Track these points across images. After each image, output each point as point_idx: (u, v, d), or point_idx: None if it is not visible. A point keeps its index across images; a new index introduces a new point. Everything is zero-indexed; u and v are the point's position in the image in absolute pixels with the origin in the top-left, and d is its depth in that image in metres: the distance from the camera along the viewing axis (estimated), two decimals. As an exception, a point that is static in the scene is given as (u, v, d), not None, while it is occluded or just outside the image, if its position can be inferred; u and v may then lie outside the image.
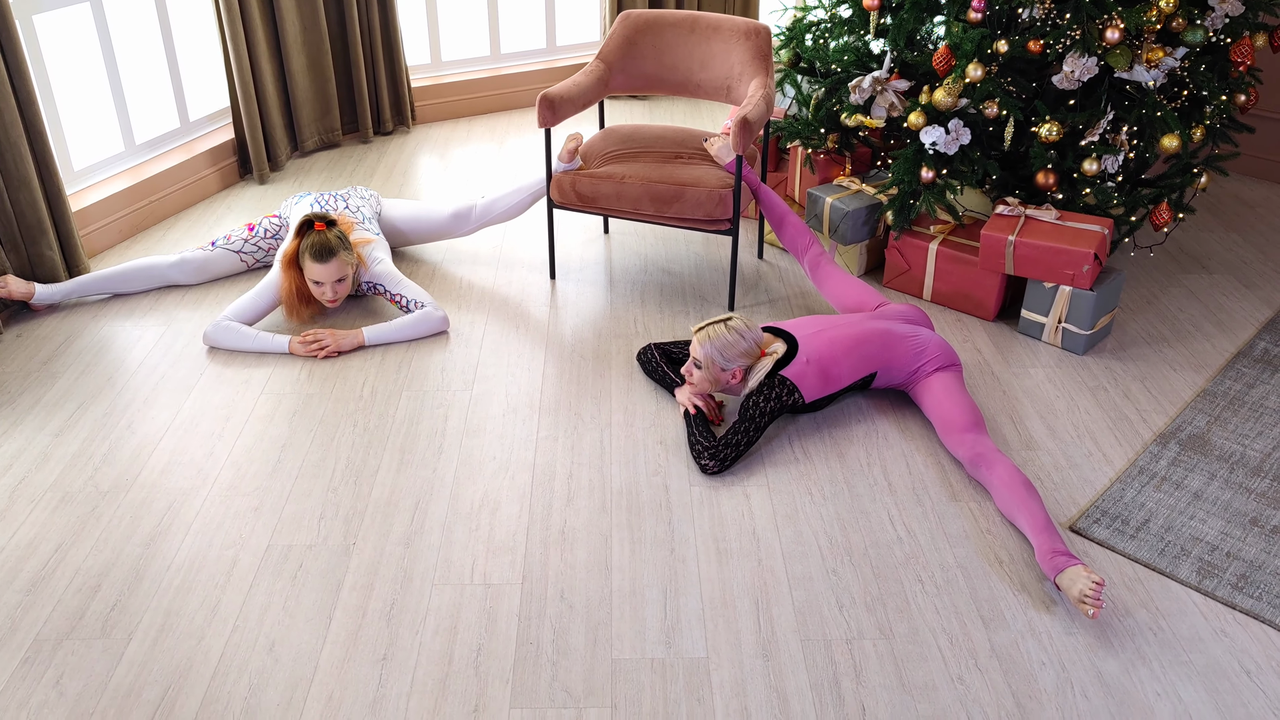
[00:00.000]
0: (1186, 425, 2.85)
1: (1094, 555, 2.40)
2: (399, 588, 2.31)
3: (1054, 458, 2.73)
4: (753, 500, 2.57)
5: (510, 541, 2.44)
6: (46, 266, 3.38)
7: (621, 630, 2.20)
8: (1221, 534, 2.46)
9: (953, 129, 3.24)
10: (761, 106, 3.22)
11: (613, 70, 3.58)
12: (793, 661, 2.12)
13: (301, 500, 2.57)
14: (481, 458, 2.72)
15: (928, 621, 2.22)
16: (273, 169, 4.43)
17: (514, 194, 3.59)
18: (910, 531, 2.47)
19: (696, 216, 3.24)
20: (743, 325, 2.75)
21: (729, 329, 2.74)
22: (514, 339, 3.25)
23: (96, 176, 3.89)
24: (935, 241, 3.37)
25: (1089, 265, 3.03)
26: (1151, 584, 2.32)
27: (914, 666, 2.11)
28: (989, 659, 2.13)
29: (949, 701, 2.04)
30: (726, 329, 2.74)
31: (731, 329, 2.74)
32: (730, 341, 2.73)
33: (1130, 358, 3.16)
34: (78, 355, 3.16)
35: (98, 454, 2.73)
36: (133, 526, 2.48)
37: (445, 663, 2.12)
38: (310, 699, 2.03)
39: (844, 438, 2.80)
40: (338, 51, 4.60)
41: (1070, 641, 2.17)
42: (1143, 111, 3.19)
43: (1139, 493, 2.59)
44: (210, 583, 2.31)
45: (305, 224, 3.17)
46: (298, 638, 2.17)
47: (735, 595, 2.29)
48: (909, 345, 2.85)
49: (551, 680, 2.08)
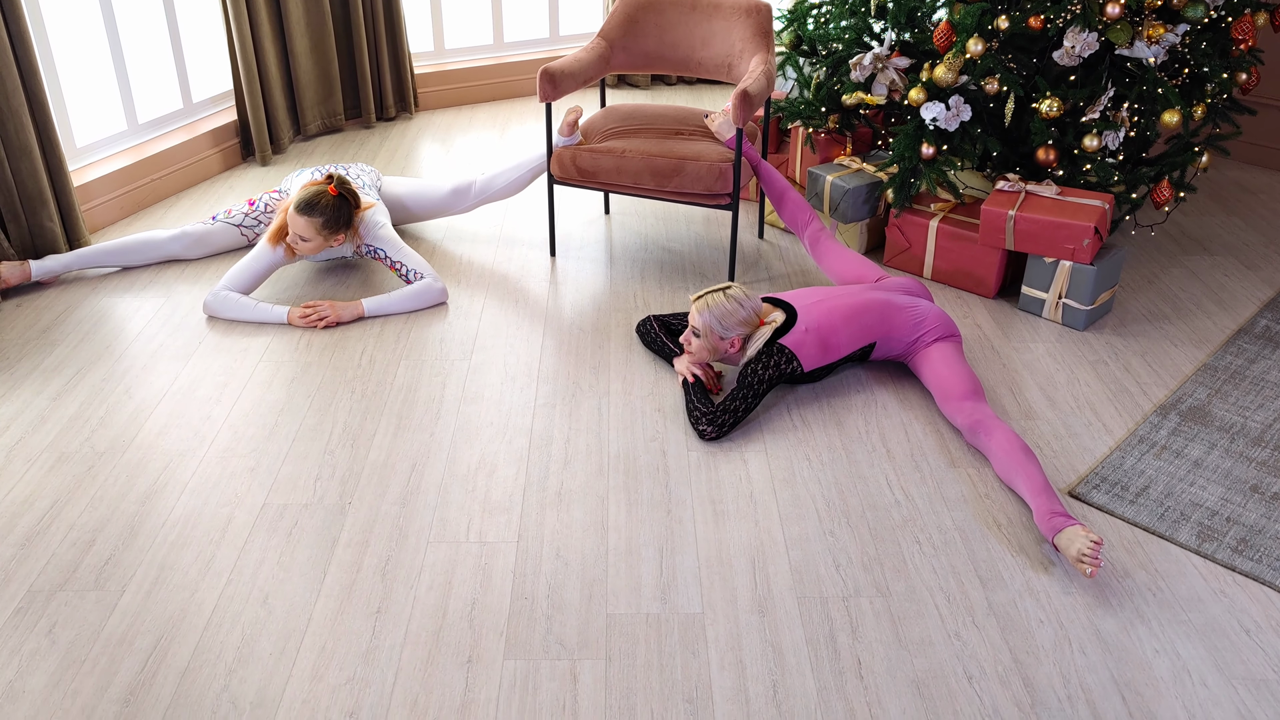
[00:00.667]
0: (1187, 397, 2.83)
1: (1093, 519, 2.39)
2: (394, 545, 2.30)
3: (1053, 427, 2.72)
4: (750, 465, 2.56)
5: (506, 502, 2.43)
6: (47, 238, 3.39)
7: (617, 586, 2.19)
8: (1222, 500, 2.44)
9: (953, 105, 3.24)
10: (762, 81, 3.22)
11: (614, 48, 3.59)
12: (788, 618, 2.11)
13: (298, 462, 2.56)
14: (479, 423, 2.71)
15: (925, 581, 2.21)
16: (275, 151, 4.44)
17: (514, 169, 3.59)
18: (908, 496, 2.46)
19: (696, 191, 3.24)
20: (741, 294, 2.75)
21: (728, 297, 2.73)
22: (513, 312, 3.25)
23: (98, 154, 3.90)
24: (936, 219, 3.37)
25: (1089, 239, 3.03)
26: (1151, 547, 2.31)
27: (911, 623, 2.10)
28: (986, 617, 2.12)
29: (946, 656, 2.02)
30: (725, 297, 2.73)
31: (730, 297, 2.73)
32: (729, 310, 2.73)
33: (1131, 334, 3.15)
34: (76, 324, 3.16)
35: (95, 417, 2.73)
36: (128, 485, 2.47)
37: (439, 616, 2.11)
38: (303, 649, 2.02)
39: (842, 407, 2.79)
40: (341, 35, 4.62)
41: (1068, 601, 2.15)
42: (1143, 88, 3.19)
43: (1139, 460, 2.58)
44: (205, 539, 2.31)
45: (328, 178, 3.18)
46: (291, 591, 2.17)
47: (732, 554, 2.28)
48: (908, 316, 2.84)
49: (546, 633, 2.07)
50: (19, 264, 3.28)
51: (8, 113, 3.19)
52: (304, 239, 3.17)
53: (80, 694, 1.92)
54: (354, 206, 3.24)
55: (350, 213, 3.23)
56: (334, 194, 3.15)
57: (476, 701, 1.92)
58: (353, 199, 3.22)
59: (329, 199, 3.15)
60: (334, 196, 3.16)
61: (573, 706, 1.91)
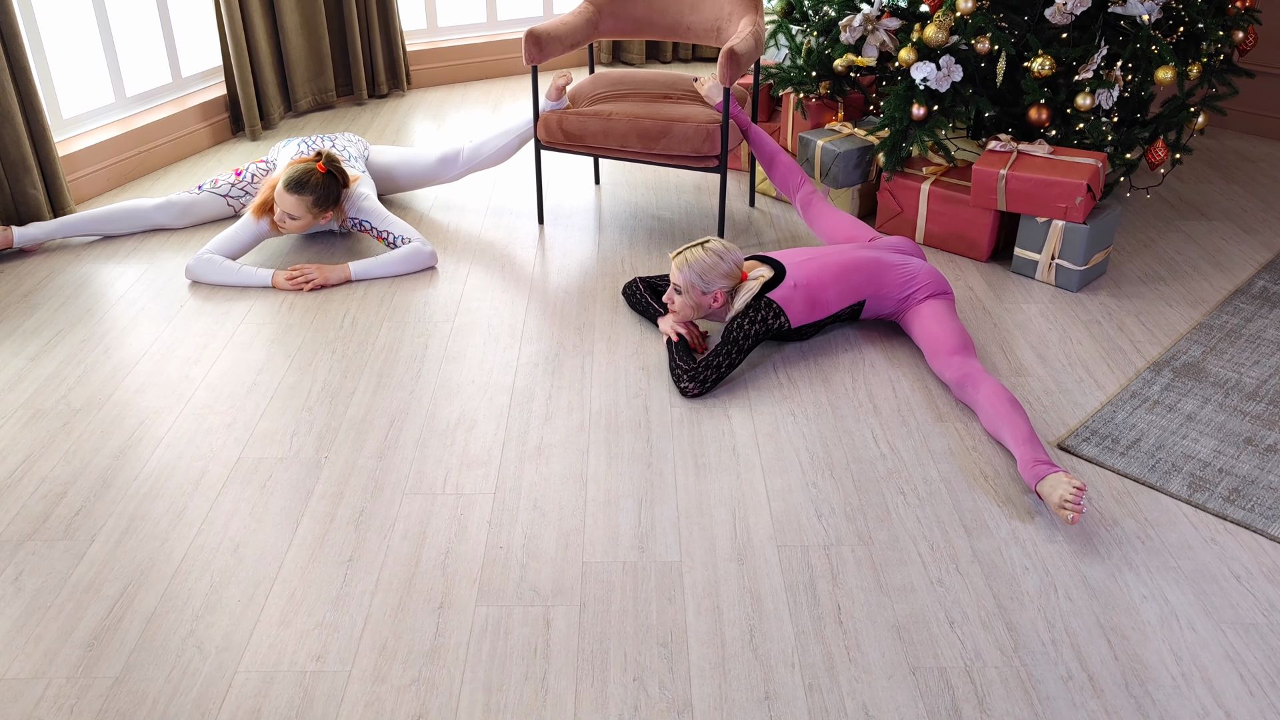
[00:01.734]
0: (1181, 355, 2.78)
1: (1082, 470, 2.34)
2: (369, 497, 2.26)
3: (1044, 383, 2.67)
4: (734, 420, 2.52)
5: (485, 456, 2.39)
6: (30, 205, 3.36)
7: (594, 536, 2.15)
8: (1214, 452, 2.39)
9: (944, 65, 3.20)
10: (750, 42, 3.18)
11: (602, 13, 3.55)
12: (768, 566, 2.07)
13: (275, 418, 2.53)
14: (460, 381, 2.67)
15: (908, 530, 2.16)
16: (265, 127, 4.41)
17: (501, 136, 3.56)
18: (894, 448, 2.41)
19: (684, 153, 3.20)
20: (721, 247, 2.70)
21: (706, 251, 2.69)
22: (499, 277, 3.22)
23: (85, 126, 3.88)
24: (927, 182, 3.32)
25: (1081, 197, 2.98)
26: (1141, 497, 2.26)
27: (893, 571, 2.05)
28: (970, 564, 2.07)
29: (928, 602, 1.98)
30: (704, 251, 2.69)
31: (709, 250, 2.69)
32: (709, 264, 2.68)
33: (1125, 295, 3.10)
34: (59, 289, 3.13)
35: (72, 376, 2.70)
36: (103, 440, 2.44)
37: (412, 564, 2.07)
38: (272, 595, 1.99)
39: (830, 364, 2.75)
40: (332, 12, 4.59)
41: (1054, 549, 2.11)
42: (1137, 46, 3.14)
43: (1130, 414, 2.53)
44: (177, 491, 2.27)
45: (316, 155, 3.15)
46: (263, 540, 2.13)
47: (712, 505, 2.24)
48: (898, 273, 2.80)
49: (520, 580, 2.03)
50: (1, 230, 3.25)
51: (-11, 77, 3.17)
52: (293, 217, 3.14)
53: (43, 639, 1.89)
54: (342, 184, 3.21)
55: (339, 190, 3.20)
56: (322, 171, 3.12)
57: (446, 646, 1.88)
58: (341, 176, 3.19)
59: (318, 177, 3.12)
60: (323, 174, 3.13)
61: (544, 650, 1.87)
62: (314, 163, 3.13)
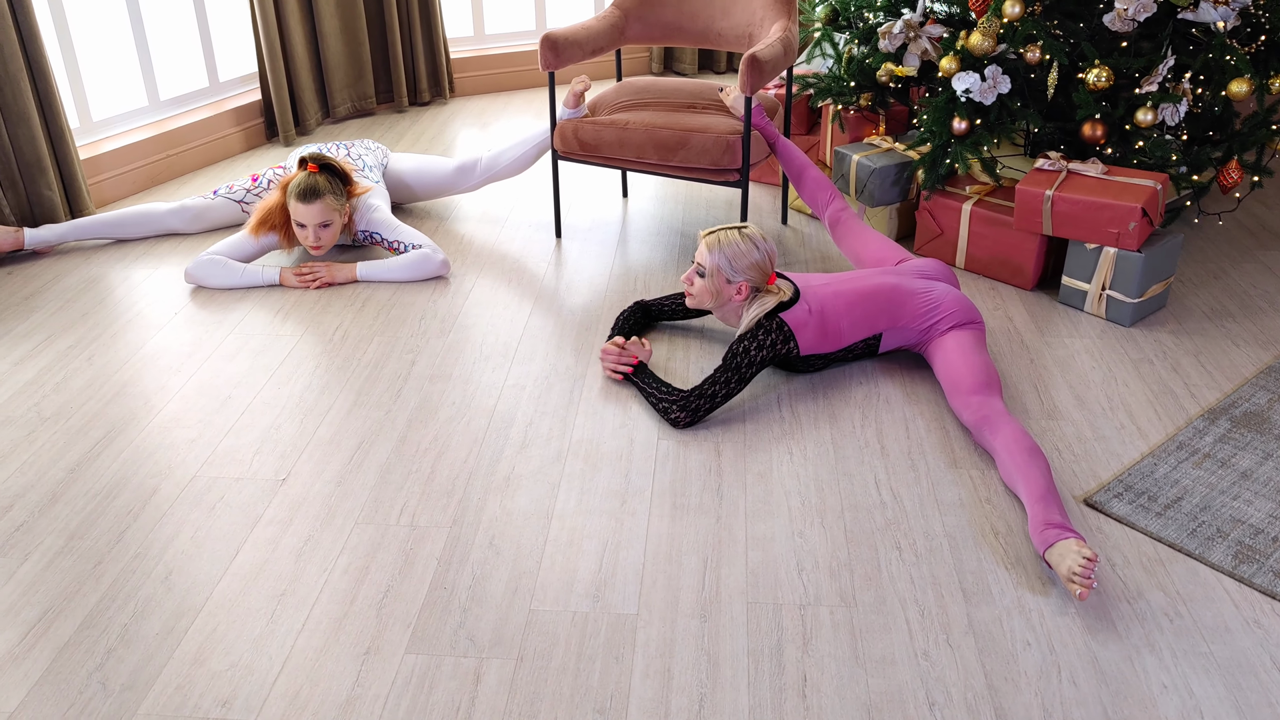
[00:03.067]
0: (1244, 401, 2.47)
1: (1108, 532, 2.06)
2: (319, 525, 2.11)
3: (1078, 429, 2.39)
4: (724, 456, 2.31)
5: (449, 486, 2.23)
6: (45, 206, 3.34)
7: (548, 581, 1.96)
8: (1270, 517, 2.09)
9: (990, 76, 2.94)
10: (777, 48, 2.97)
11: (629, 18, 3.38)
12: (733, 625, 1.85)
13: (241, 435, 2.40)
14: (440, 402, 2.52)
15: (899, 591, 1.92)
16: (301, 133, 4.35)
17: (519, 145, 3.41)
18: (896, 496, 2.17)
19: (702, 165, 3.00)
20: (758, 235, 2.49)
21: (743, 236, 2.47)
22: (503, 292, 3.06)
23: (116, 129, 3.86)
24: (969, 202, 3.05)
25: (1135, 222, 2.69)
26: (1175, 566, 1.97)
27: (874, 638, 1.82)
28: (964, 635, 1.82)
29: (907, 677, 1.74)
30: (740, 235, 2.47)
31: (746, 236, 2.47)
32: (743, 250, 2.46)
33: (1186, 332, 2.79)
34: (60, 292, 3.09)
35: (50, 383, 2.63)
36: (62, 452, 2.35)
37: (347, 602, 1.91)
38: (192, 630, 1.85)
39: (840, 399, 2.51)
40: (373, 18, 4.52)
41: (1064, 622, 1.84)
42: (1209, 55, 2.83)
43: (1174, 469, 2.24)
44: (123, 509, 2.16)
45: (300, 162, 3.05)
46: (197, 568, 2.00)
47: (683, 552, 2.03)
48: (921, 301, 2.55)
49: (458, 627, 1.85)
50: (13, 231, 3.23)
51: (4, 78, 3.15)
52: (325, 224, 3.03)
53: (-51, 665, 1.79)
54: (341, 174, 3.10)
55: (342, 175, 3.09)
56: (317, 170, 3.02)
57: (364, 698, 1.71)
58: (334, 167, 3.08)
59: (318, 177, 3.01)
60: (319, 172, 3.03)
61: (468, 710, 1.69)
62: (306, 171, 3.02)
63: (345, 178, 3.10)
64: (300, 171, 3.02)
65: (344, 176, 3.09)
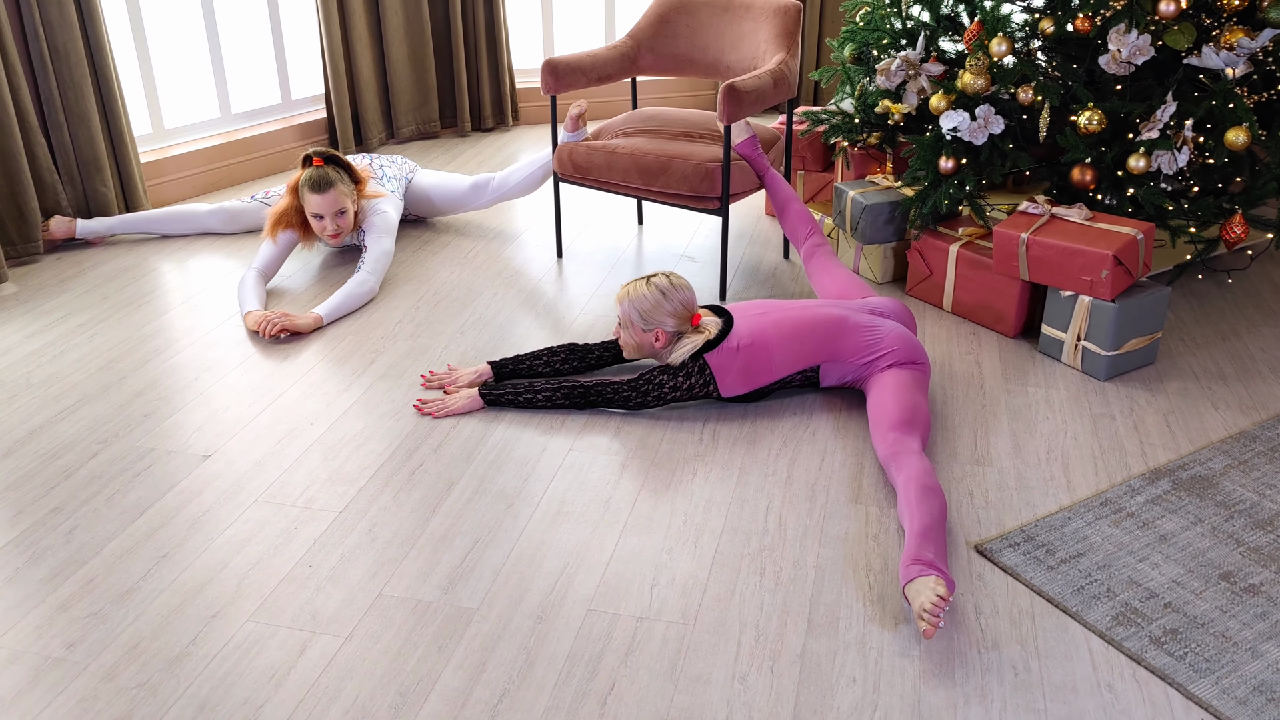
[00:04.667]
0: (1195, 465, 2.31)
1: (988, 580, 1.97)
2: (223, 499, 2.23)
3: (1002, 476, 2.28)
4: (627, 470, 2.31)
5: (356, 474, 2.31)
6: (100, 201, 3.65)
7: (409, 569, 2.01)
8: (1172, 583, 1.95)
9: (981, 115, 2.86)
10: (764, 80, 2.98)
11: (641, 49, 3.45)
12: (566, 628, 1.85)
13: (175, 413, 2.56)
14: (378, 399, 2.62)
15: (744, 615, 1.88)
16: (363, 151, 4.60)
17: (526, 166, 3.52)
18: (782, 525, 2.13)
19: (682, 191, 3.02)
20: (667, 284, 2.51)
21: (650, 286, 2.51)
22: (479, 304, 3.15)
23: (185, 136, 4.18)
24: (957, 244, 2.97)
25: (1108, 270, 2.56)
26: (1046, 621, 1.86)
27: (698, 657, 1.79)
28: (790, 664, 1.77)
29: (714, 698, 1.70)
30: (648, 286, 2.51)
31: (653, 286, 2.50)
32: (651, 302, 2.50)
33: (1165, 391, 2.62)
34: (93, 278, 3.36)
35: (47, 355, 2.87)
36: (23, 420, 2.56)
37: (216, 570, 2.02)
38: (74, 579, 1.98)
39: (768, 427, 2.48)
40: (440, 45, 4.75)
41: (902, 664, 1.77)
42: (1213, 103, 2.69)
43: (1088, 525, 2.11)
44: (59, 470, 2.34)
45: (305, 159, 3.22)
46: (102, 527, 2.14)
47: (546, 556, 2.04)
48: (861, 336, 2.50)
49: (305, 603, 1.92)
50: (68, 221, 3.54)
51: (69, 82, 3.47)
52: (342, 211, 3.20)
53: None
54: (346, 164, 3.25)
55: (346, 164, 3.24)
56: (322, 163, 3.18)
57: (193, 656, 1.80)
58: (339, 158, 3.23)
59: (326, 168, 3.17)
60: (325, 165, 3.19)
61: (281, 678, 1.75)
62: (313, 166, 3.18)
63: (351, 171, 3.26)
64: (308, 169, 3.20)
65: (349, 169, 3.25)
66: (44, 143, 3.46)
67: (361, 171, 3.30)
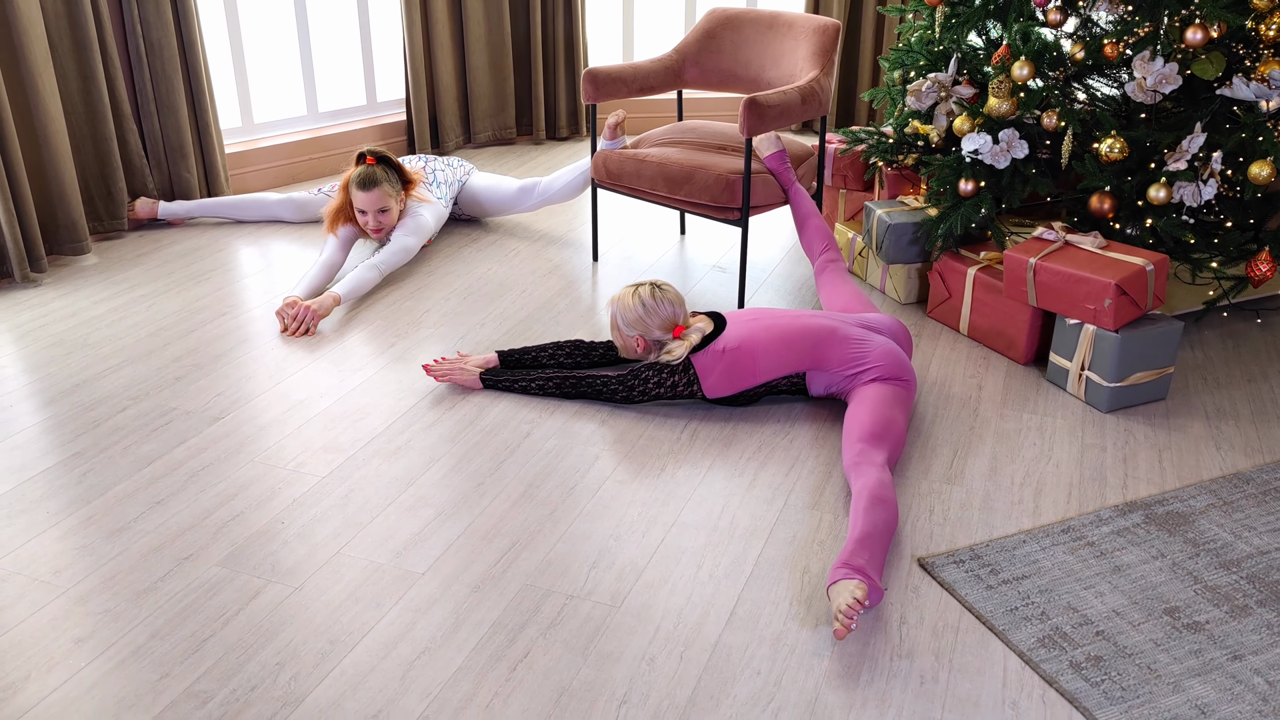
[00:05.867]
0: (1175, 501, 2.25)
1: (924, 593, 1.97)
2: (223, 457, 2.41)
3: (969, 496, 2.27)
4: (600, 462, 2.39)
5: (347, 444, 2.46)
6: (183, 186, 3.94)
7: (372, 534, 2.14)
8: (1111, 613, 1.91)
9: (1004, 139, 2.85)
10: (791, 96, 3.03)
11: (686, 62, 3.54)
12: (499, 598, 1.95)
13: (203, 378, 2.76)
14: (386, 378, 2.77)
15: (669, 602, 1.94)
16: (440, 154, 4.82)
17: (569, 172, 3.64)
18: (733, 523, 2.17)
19: (704, 201, 3.10)
20: (650, 298, 2.58)
21: (635, 296, 2.59)
22: (506, 299, 3.28)
23: (272, 131, 4.47)
24: (975, 267, 2.95)
25: (1111, 299, 2.51)
26: (968, 637, 1.86)
27: (614, 637, 1.85)
28: (701, 651, 1.82)
29: (618, 675, 1.76)
30: (633, 295, 2.59)
31: (637, 298, 2.59)
32: (629, 308, 2.58)
33: (1168, 427, 2.55)
34: (166, 256, 3.63)
35: (108, 320, 3.12)
36: (80, 370, 2.81)
37: (200, 517, 2.18)
38: (74, 515, 2.18)
39: (747, 432, 2.52)
40: (520, 55, 4.94)
41: (811, 664, 1.79)
42: (1243, 136, 2.61)
43: (1042, 550, 2.09)
44: (88, 420, 2.56)
45: (359, 156, 3.42)
46: (112, 474, 2.35)
47: (500, 533, 2.14)
48: (848, 349, 2.52)
49: (270, 554, 2.07)
50: (152, 202, 3.84)
51: (161, 75, 3.77)
52: (383, 210, 3.40)
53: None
54: (396, 165, 3.43)
55: (395, 164, 3.43)
56: (373, 162, 3.38)
57: (158, 591, 1.96)
58: (390, 159, 3.41)
59: (375, 168, 3.37)
60: (376, 164, 3.38)
61: (230, 618, 1.90)
62: (365, 164, 3.37)
63: (401, 172, 3.44)
64: (359, 167, 3.40)
65: (400, 170, 3.44)
66: (135, 129, 3.77)
67: (413, 174, 3.49)
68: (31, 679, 1.76)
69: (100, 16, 3.55)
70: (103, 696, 1.72)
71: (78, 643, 1.83)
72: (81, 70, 3.53)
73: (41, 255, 3.38)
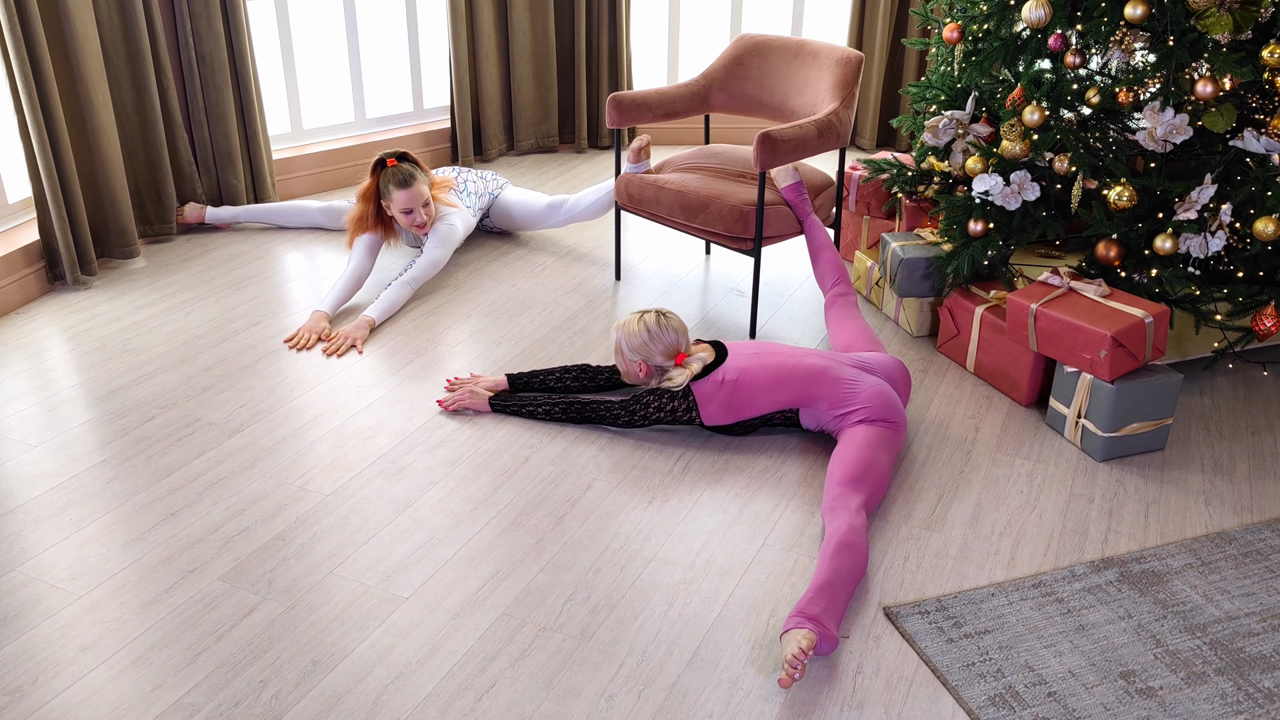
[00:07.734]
0: (1153, 559, 2.26)
1: (884, 643, 2.02)
2: (237, 471, 2.55)
3: (946, 544, 2.31)
4: (592, 491, 2.48)
5: (354, 463, 2.59)
6: (230, 192, 4.11)
7: (364, 555, 2.26)
8: (1067, 674, 1.95)
9: (1016, 181, 2.86)
10: (807, 129, 3.07)
11: (713, 88, 3.59)
12: (475, 627, 2.05)
13: (228, 389, 2.91)
14: (401, 397, 2.89)
15: (636, 640, 2.02)
16: (482, 160, 4.93)
17: (596, 191, 3.73)
18: (709, 561, 2.25)
19: (718, 230, 3.15)
20: (655, 325, 2.66)
21: (640, 322, 2.67)
22: (526, 317, 3.37)
23: (320, 137, 4.62)
24: (983, 306, 2.97)
25: (1107, 350, 2.52)
26: (921, 691, 1.91)
27: (579, 672, 1.95)
28: (658, 691, 1.90)
29: (576, 711, 1.86)
30: (637, 322, 2.67)
31: (642, 324, 2.66)
32: (634, 333, 2.66)
33: (1161, 480, 2.55)
34: (211, 261, 3.80)
35: (149, 325, 3.30)
36: (117, 375, 2.98)
37: (209, 531, 2.33)
38: (90, 522, 2.34)
39: (739, 467, 2.59)
40: (564, 65, 5.02)
41: (762, 709, 1.86)
42: (1252, 188, 2.59)
43: (1009, 604, 2.12)
44: (117, 427, 2.73)
45: (379, 162, 3.52)
46: (133, 483, 2.50)
47: (485, 560, 2.25)
48: (839, 389, 2.57)
49: (269, 571, 2.20)
50: (200, 207, 4.02)
51: (211, 86, 3.94)
52: (426, 203, 3.52)
53: (-63, 505, 2.40)
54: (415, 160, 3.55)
55: (415, 159, 3.55)
56: (396, 163, 3.49)
57: (162, 602, 2.11)
58: (409, 155, 3.53)
59: (404, 165, 3.48)
60: (401, 163, 3.49)
61: (224, 632, 2.03)
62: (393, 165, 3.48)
63: (421, 165, 3.56)
64: (382, 171, 3.51)
65: (419, 164, 3.56)
66: (186, 137, 3.94)
67: (442, 180, 3.60)
68: (39, 683, 1.91)
69: (154, 31, 3.72)
70: (99, 704, 1.87)
71: (83, 650, 1.99)
72: (135, 81, 3.70)
73: (92, 259, 3.57)
